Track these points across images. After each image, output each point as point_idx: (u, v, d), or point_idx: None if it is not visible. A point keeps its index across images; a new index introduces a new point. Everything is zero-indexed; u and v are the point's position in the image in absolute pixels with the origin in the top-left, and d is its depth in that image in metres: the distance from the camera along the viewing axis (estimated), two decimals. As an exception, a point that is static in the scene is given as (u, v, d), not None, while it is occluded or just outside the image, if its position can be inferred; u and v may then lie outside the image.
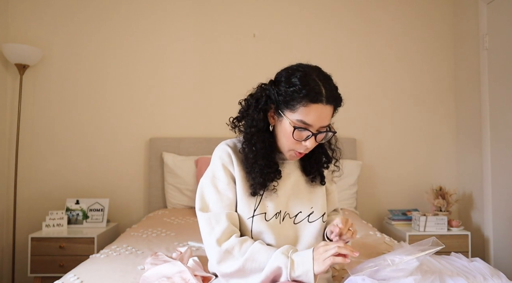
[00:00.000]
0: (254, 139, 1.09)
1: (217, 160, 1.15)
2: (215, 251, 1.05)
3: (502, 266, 2.50)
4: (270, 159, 1.11)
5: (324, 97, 1.01)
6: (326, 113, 1.03)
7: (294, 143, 1.07)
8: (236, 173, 1.12)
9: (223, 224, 1.07)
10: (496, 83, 2.59)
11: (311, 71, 1.05)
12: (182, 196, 2.69)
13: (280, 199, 1.14)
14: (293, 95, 1.02)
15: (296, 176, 1.19)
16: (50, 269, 2.36)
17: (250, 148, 1.10)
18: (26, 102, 2.79)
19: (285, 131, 1.06)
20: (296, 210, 1.16)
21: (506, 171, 2.50)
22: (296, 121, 1.03)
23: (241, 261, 1.02)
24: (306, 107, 1.01)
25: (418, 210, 2.86)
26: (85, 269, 1.44)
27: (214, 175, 1.14)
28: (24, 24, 2.83)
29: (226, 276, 1.07)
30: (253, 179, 1.10)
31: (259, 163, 1.09)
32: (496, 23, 2.59)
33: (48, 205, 2.76)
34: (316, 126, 1.04)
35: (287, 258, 0.97)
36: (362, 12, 3.03)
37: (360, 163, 2.84)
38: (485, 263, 1.12)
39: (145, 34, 2.91)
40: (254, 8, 2.97)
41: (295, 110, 1.03)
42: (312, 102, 1.01)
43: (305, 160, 1.20)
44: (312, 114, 1.02)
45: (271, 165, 1.11)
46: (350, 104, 2.99)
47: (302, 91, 1.01)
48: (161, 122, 2.91)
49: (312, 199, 1.18)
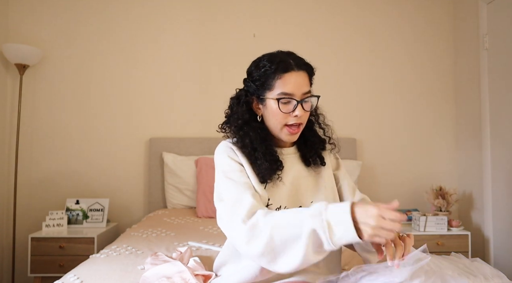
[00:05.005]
0: (244, 130, 1.12)
1: (221, 154, 1.13)
2: (242, 230, 0.94)
3: (502, 266, 2.50)
4: (268, 146, 1.11)
5: (293, 65, 1.08)
6: (301, 78, 1.09)
7: (283, 118, 1.08)
8: (243, 162, 1.10)
9: (247, 202, 0.99)
10: (496, 83, 2.59)
11: (274, 52, 1.13)
12: (182, 196, 2.69)
13: (282, 193, 1.12)
14: (265, 74, 1.08)
15: (297, 170, 1.17)
16: (50, 269, 2.36)
17: (244, 138, 1.11)
18: (26, 102, 2.79)
19: (272, 110, 1.09)
20: (296, 205, 1.13)
21: (506, 171, 2.50)
22: (277, 95, 1.07)
23: (268, 232, 0.90)
24: (281, 79, 1.07)
25: (418, 210, 2.86)
26: (85, 269, 1.44)
27: (224, 169, 1.10)
28: (24, 24, 2.82)
29: (258, 257, 0.93)
30: (259, 166, 1.08)
31: (259, 150, 1.09)
32: (496, 23, 2.59)
33: (48, 205, 2.76)
34: (298, 94, 1.07)
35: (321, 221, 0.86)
36: (362, 12, 3.02)
37: (360, 163, 2.84)
38: (486, 263, 1.12)
39: (145, 34, 2.91)
40: (254, 8, 2.97)
41: (273, 87, 1.08)
42: (284, 72, 1.07)
43: (302, 148, 1.19)
44: (289, 82, 1.07)
45: (271, 153, 1.11)
46: (350, 104, 3.02)
47: (272, 67, 1.07)
48: (161, 122, 2.91)
49: (313, 194, 1.15)
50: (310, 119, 1.20)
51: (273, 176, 1.09)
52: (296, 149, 1.21)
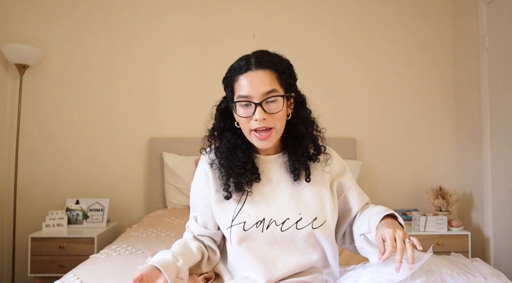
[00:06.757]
0: (218, 141, 1.11)
1: (196, 173, 1.17)
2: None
3: (502, 266, 2.50)
4: (240, 158, 1.07)
5: (251, 64, 1.02)
6: (258, 78, 1.01)
7: (246, 122, 1.03)
8: (212, 188, 1.10)
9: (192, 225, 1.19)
10: (496, 83, 2.59)
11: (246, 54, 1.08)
12: (182, 196, 2.69)
13: (264, 205, 1.06)
14: (228, 78, 1.06)
15: (283, 179, 1.10)
16: (50, 269, 2.36)
17: (216, 151, 1.11)
18: (26, 102, 2.79)
19: (237, 116, 1.05)
20: (283, 217, 1.05)
21: (506, 171, 2.50)
22: (236, 99, 1.04)
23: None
24: (237, 81, 1.03)
25: (418, 210, 2.86)
26: (85, 269, 1.43)
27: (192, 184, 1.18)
28: (24, 24, 2.82)
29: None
30: (233, 177, 1.06)
31: (224, 163, 1.07)
32: (496, 23, 2.59)
33: (48, 205, 2.76)
34: (256, 95, 1.00)
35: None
36: (362, 12, 3.02)
37: (360, 163, 2.84)
38: (486, 263, 1.12)
39: (145, 34, 2.91)
40: (254, 8, 2.97)
41: (234, 91, 1.05)
42: (239, 74, 1.03)
43: (292, 158, 1.10)
44: (244, 84, 1.02)
45: (241, 166, 1.06)
46: (350, 104, 3.02)
47: (231, 71, 1.05)
48: (161, 122, 2.91)
49: (301, 204, 1.07)
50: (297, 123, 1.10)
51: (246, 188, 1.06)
52: (281, 155, 1.13)
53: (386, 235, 0.92)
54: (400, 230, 0.94)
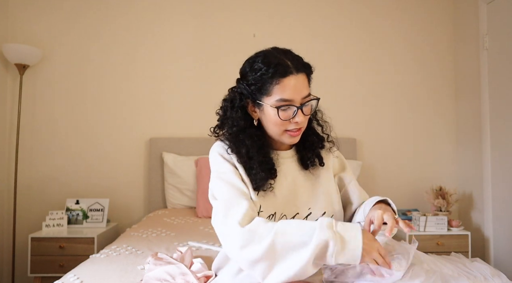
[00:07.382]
0: (239, 138, 1.06)
1: (215, 154, 1.11)
2: (237, 233, 0.93)
3: (502, 266, 2.50)
4: (265, 154, 1.07)
5: (292, 68, 1.01)
6: (301, 82, 1.02)
7: (283, 125, 1.03)
8: (238, 166, 1.07)
9: (243, 206, 0.98)
10: (496, 83, 2.59)
11: (270, 51, 1.06)
12: (182, 196, 2.69)
13: (276, 199, 1.07)
14: (262, 78, 1.01)
15: (293, 174, 1.12)
16: (50, 269, 2.36)
17: (239, 147, 1.06)
18: (26, 102, 2.79)
19: (270, 117, 1.03)
20: (293, 211, 1.08)
21: (506, 171, 2.50)
22: (276, 101, 1.01)
23: (270, 237, 0.90)
24: (279, 84, 1.00)
25: (418, 210, 2.86)
26: (85, 269, 1.44)
27: (217, 169, 1.09)
28: (24, 24, 2.82)
29: (253, 263, 0.92)
30: (254, 175, 1.04)
31: (255, 159, 1.05)
32: (496, 23, 2.59)
33: (48, 205, 2.76)
34: (297, 99, 1.02)
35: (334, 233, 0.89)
36: (362, 12, 3.02)
37: (360, 163, 2.84)
38: (486, 263, 1.12)
39: (145, 34, 2.91)
40: (254, 8, 2.97)
41: (270, 92, 1.01)
42: (283, 77, 1.00)
43: (301, 150, 1.14)
44: (288, 88, 1.00)
45: (267, 161, 1.06)
46: (350, 104, 3.02)
47: (269, 71, 1.00)
48: (161, 122, 2.91)
49: (310, 199, 1.11)
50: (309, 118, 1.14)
51: (266, 185, 1.05)
52: (294, 151, 1.16)
53: (375, 215, 0.99)
54: (389, 212, 0.99)
